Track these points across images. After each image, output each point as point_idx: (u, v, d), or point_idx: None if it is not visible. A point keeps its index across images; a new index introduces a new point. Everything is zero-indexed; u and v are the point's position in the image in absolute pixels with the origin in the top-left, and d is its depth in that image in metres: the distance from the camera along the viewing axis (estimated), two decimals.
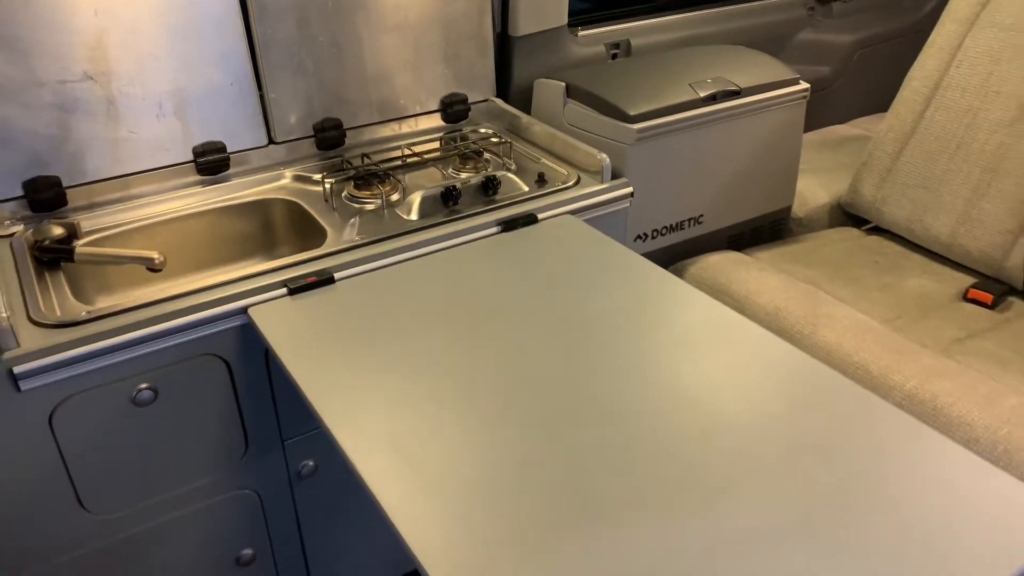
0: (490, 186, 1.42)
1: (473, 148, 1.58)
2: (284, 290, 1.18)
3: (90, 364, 1.08)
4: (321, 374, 1.01)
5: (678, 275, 1.66)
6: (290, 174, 1.51)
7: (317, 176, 1.50)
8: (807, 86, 1.71)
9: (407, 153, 1.58)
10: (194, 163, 1.45)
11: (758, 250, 1.76)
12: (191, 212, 1.42)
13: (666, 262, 1.70)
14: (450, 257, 1.28)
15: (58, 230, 1.29)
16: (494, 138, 1.66)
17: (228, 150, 1.47)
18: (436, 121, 1.69)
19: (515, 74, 1.76)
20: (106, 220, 1.37)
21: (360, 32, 1.54)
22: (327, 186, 1.45)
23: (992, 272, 1.60)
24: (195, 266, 1.45)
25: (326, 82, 1.54)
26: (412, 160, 1.55)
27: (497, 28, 1.72)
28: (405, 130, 1.66)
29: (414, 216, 1.37)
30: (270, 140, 1.52)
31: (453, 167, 1.55)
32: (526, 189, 1.45)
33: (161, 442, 1.19)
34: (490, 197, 1.42)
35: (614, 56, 1.91)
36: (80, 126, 1.34)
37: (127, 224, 1.37)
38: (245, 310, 1.16)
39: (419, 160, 1.56)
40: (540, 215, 1.38)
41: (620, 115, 1.51)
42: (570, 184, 1.45)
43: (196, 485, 1.25)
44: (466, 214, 1.36)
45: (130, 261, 1.25)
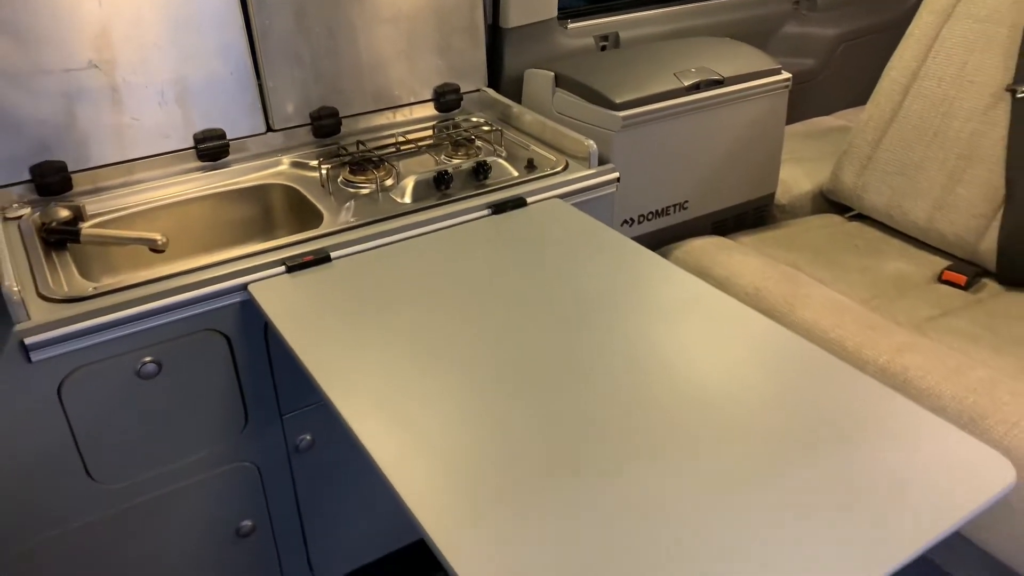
0: (481, 171, 1.47)
1: (465, 135, 1.63)
2: (283, 268, 1.23)
3: (96, 337, 1.13)
4: (318, 345, 1.06)
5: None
6: (288, 160, 1.57)
7: (314, 162, 1.55)
8: (789, 76, 1.76)
9: (401, 140, 1.63)
10: (195, 149, 1.50)
11: (741, 235, 1.81)
12: (192, 197, 1.47)
13: (652, 247, 1.75)
14: (442, 238, 1.33)
15: (65, 212, 1.34)
16: (485, 126, 1.71)
17: (228, 137, 1.52)
18: (429, 110, 1.74)
19: (506, 65, 1.81)
20: (110, 204, 1.42)
21: (355, 24, 1.59)
22: (323, 171, 1.50)
23: (966, 255, 1.66)
24: (196, 249, 1.50)
25: (322, 72, 1.59)
26: (406, 147, 1.60)
27: (488, 20, 1.77)
28: (399, 119, 1.71)
29: (407, 199, 1.42)
30: (268, 128, 1.57)
31: (445, 154, 1.60)
32: (516, 174, 1.50)
33: (164, 414, 1.24)
34: (481, 182, 1.47)
35: (603, 48, 1.96)
36: (85, 113, 1.39)
37: (130, 208, 1.42)
38: (245, 287, 1.21)
39: (413, 147, 1.61)
40: (529, 199, 1.43)
41: (607, 103, 1.57)
42: (558, 170, 1.50)
43: (198, 457, 1.30)
44: (457, 197, 1.41)
45: (134, 242, 1.31)
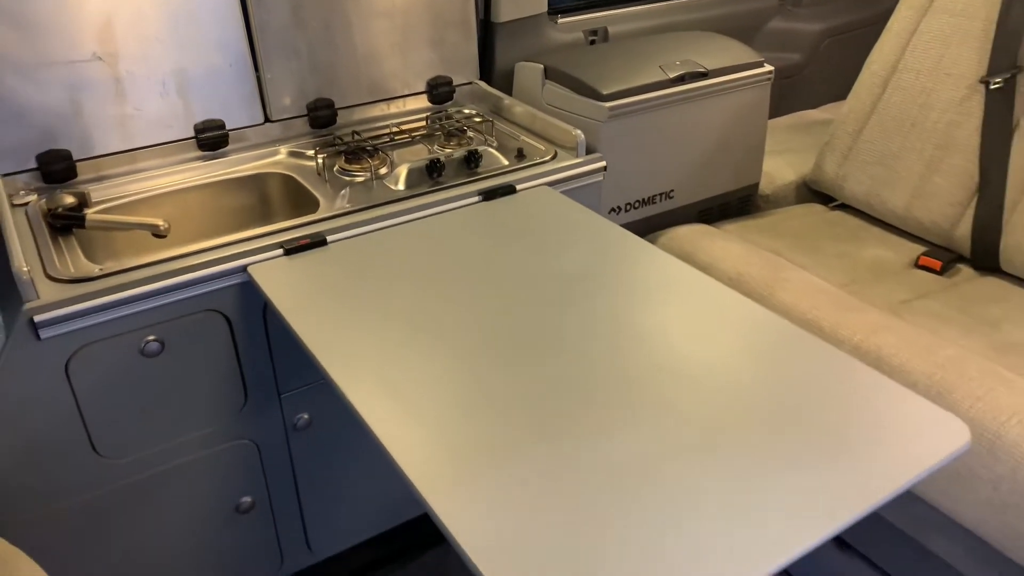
0: (472, 160, 1.52)
1: (457, 126, 1.68)
2: (281, 251, 1.28)
3: (102, 316, 1.18)
4: (316, 323, 1.11)
5: None
6: (285, 150, 1.62)
7: (310, 152, 1.60)
8: (771, 69, 1.81)
9: (395, 131, 1.68)
10: (195, 139, 1.55)
11: (726, 223, 1.87)
12: (193, 185, 1.52)
13: (639, 234, 1.79)
14: (434, 223, 1.38)
15: (70, 199, 1.39)
16: (477, 118, 1.76)
17: (227, 127, 1.57)
18: (422, 102, 1.80)
19: (497, 58, 1.86)
20: (114, 191, 1.47)
21: (351, 17, 1.64)
22: (320, 160, 1.55)
23: (942, 241, 1.72)
24: (197, 235, 1.54)
25: (319, 65, 1.64)
26: (400, 137, 1.66)
27: (480, 15, 1.83)
28: (393, 110, 1.77)
29: (401, 187, 1.47)
30: (266, 118, 1.62)
31: (438, 144, 1.65)
32: (506, 163, 1.55)
33: (167, 391, 1.29)
34: (472, 170, 1.52)
35: (592, 42, 2.01)
36: (90, 104, 1.44)
37: (133, 195, 1.47)
38: (244, 268, 1.26)
39: (406, 137, 1.66)
40: (518, 186, 1.48)
41: (594, 94, 1.62)
42: (547, 159, 1.55)
43: (199, 434, 1.35)
44: (449, 184, 1.46)
45: (137, 227, 1.35)
